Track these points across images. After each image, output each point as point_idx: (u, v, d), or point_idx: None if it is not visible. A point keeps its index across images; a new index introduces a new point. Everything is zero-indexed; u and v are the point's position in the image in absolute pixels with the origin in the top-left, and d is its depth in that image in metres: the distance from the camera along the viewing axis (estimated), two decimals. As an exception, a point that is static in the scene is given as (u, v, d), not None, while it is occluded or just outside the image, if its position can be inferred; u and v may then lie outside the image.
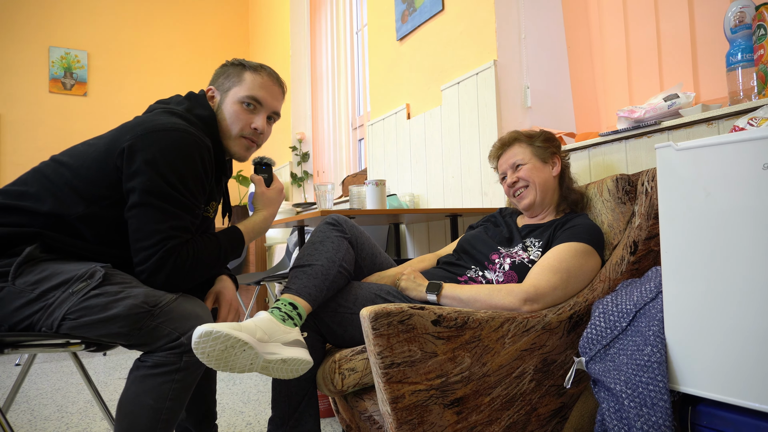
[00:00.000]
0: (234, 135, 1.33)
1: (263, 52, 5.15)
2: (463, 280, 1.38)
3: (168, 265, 1.13)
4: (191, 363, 1.10)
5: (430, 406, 1.08)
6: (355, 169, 3.81)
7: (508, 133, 1.58)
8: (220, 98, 1.34)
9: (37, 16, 4.66)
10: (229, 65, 1.36)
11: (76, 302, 1.07)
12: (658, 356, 0.95)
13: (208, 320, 1.14)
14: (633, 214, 1.36)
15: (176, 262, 1.14)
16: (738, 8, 1.38)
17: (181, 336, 1.08)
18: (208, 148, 1.23)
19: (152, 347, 1.09)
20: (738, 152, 0.86)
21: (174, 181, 1.14)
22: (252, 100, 1.32)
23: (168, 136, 1.16)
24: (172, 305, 1.11)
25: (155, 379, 1.08)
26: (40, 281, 1.09)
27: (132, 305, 1.07)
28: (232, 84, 1.33)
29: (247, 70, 1.34)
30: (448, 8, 2.47)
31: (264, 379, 2.60)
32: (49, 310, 1.08)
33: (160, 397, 1.07)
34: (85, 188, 1.16)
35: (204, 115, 1.30)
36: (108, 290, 1.09)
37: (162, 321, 1.08)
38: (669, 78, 1.80)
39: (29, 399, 2.37)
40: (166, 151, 1.14)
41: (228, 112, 1.32)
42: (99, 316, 1.06)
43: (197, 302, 1.18)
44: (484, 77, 2.20)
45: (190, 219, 1.19)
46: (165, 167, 1.14)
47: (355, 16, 3.82)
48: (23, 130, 4.57)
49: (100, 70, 4.87)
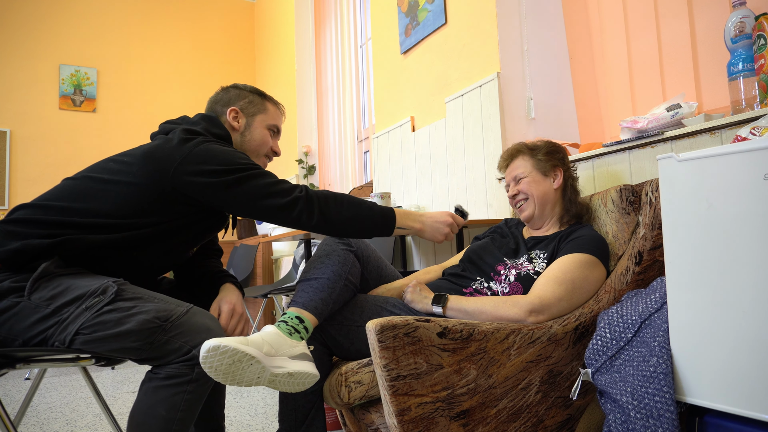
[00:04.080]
0: (261, 154, 1.48)
1: (269, 67, 5.20)
2: (469, 292, 1.38)
3: (311, 199, 1.24)
4: (203, 374, 1.11)
5: (437, 419, 1.08)
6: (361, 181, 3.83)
7: (514, 144, 1.60)
8: (245, 121, 1.46)
9: (47, 34, 4.75)
10: (246, 91, 1.48)
11: (89, 318, 1.09)
12: (664, 367, 0.95)
13: (219, 333, 1.16)
14: (637, 225, 1.36)
15: (313, 196, 1.25)
16: (738, 18, 1.39)
17: (193, 349, 1.10)
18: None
19: (164, 361, 1.11)
20: (739, 163, 0.87)
21: (232, 160, 1.24)
22: (276, 128, 1.51)
23: (199, 149, 1.25)
24: (183, 319, 1.13)
25: (167, 390, 1.10)
26: (55, 297, 1.11)
27: (144, 320, 1.09)
28: (258, 110, 1.47)
29: (267, 101, 1.50)
30: (451, 22, 2.49)
31: (271, 392, 2.60)
32: (63, 326, 1.10)
33: (172, 408, 1.09)
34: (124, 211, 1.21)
35: (220, 134, 1.39)
36: (121, 306, 1.11)
37: (174, 335, 1.11)
38: (671, 88, 1.81)
39: (39, 413, 2.38)
40: (207, 158, 1.24)
41: (257, 135, 1.46)
42: (112, 331, 1.09)
43: (207, 315, 1.20)
44: (488, 89, 2.22)
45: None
46: (217, 163, 1.23)
47: (359, 30, 3.86)
48: (34, 146, 4.64)
49: (109, 87, 4.95)
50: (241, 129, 1.45)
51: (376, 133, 3.19)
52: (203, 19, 5.42)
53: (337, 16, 4.15)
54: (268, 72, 5.20)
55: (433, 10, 2.60)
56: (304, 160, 4.35)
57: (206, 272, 1.49)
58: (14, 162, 4.57)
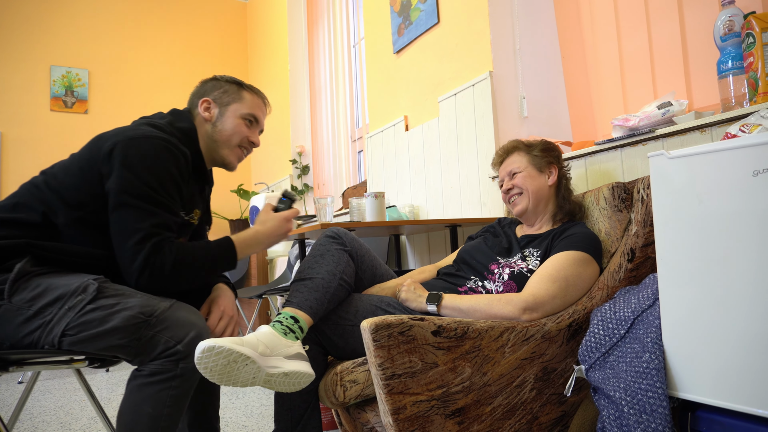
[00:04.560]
0: (233, 145, 1.43)
1: (262, 67, 5.19)
2: (463, 291, 1.39)
3: (152, 261, 1.14)
4: (187, 370, 1.11)
5: (432, 417, 1.09)
6: (355, 181, 3.83)
7: (510, 141, 1.61)
8: (218, 111, 1.42)
9: (38, 35, 4.72)
10: (223, 81, 1.45)
11: (73, 318, 1.09)
12: (657, 363, 0.96)
13: (202, 327, 1.16)
14: (630, 222, 1.37)
15: (160, 259, 1.15)
16: (727, 17, 1.40)
17: (178, 344, 1.10)
18: (184, 154, 1.28)
19: (150, 356, 1.10)
20: (729, 159, 0.87)
21: (150, 181, 1.18)
22: (252, 117, 1.45)
23: (146, 143, 1.22)
24: (167, 313, 1.13)
25: (152, 387, 1.09)
26: (36, 298, 1.11)
27: (129, 316, 1.09)
28: (232, 99, 1.43)
29: (245, 90, 1.45)
30: (444, 21, 2.50)
31: (267, 393, 2.60)
32: (48, 327, 1.09)
33: (158, 405, 1.09)
34: (70, 195, 1.20)
35: (185, 128, 1.37)
36: (103, 304, 1.10)
37: (159, 330, 1.10)
38: (662, 86, 1.82)
39: (33, 417, 2.37)
40: (144, 155, 1.20)
41: (229, 125, 1.41)
42: (97, 330, 1.08)
43: (191, 309, 1.20)
44: (481, 88, 2.23)
45: (171, 218, 1.22)
46: (141, 169, 1.18)
47: (352, 29, 3.86)
48: (25, 148, 4.60)
49: (100, 88, 4.92)
50: (213, 119, 1.41)
51: (370, 133, 3.20)
52: (195, 19, 5.40)
53: (330, 16, 4.14)
54: (261, 72, 5.19)
55: (426, 9, 2.60)
56: (297, 160, 4.35)
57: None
58: (6, 164, 4.53)
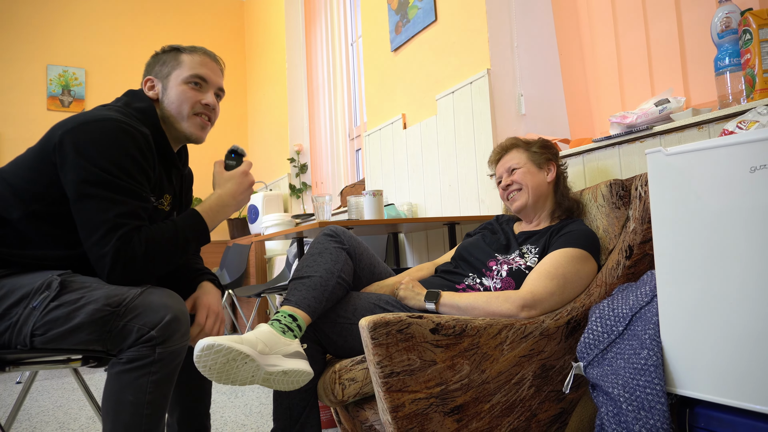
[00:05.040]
0: (186, 114, 1.30)
1: (259, 65, 5.18)
2: (461, 288, 1.39)
3: (122, 255, 1.08)
4: (166, 354, 1.07)
5: (431, 415, 1.09)
6: (353, 179, 3.82)
7: (507, 138, 1.61)
8: (161, 86, 1.31)
9: (34, 34, 4.70)
10: (161, 53, 1.34)
11: (39, 317, 1.06)
12: (655, 359, 0.96)
13: (178, 308, 1.11)
14: (628, 219, 1.37)
15: (129, 251, 1.09)
16: (724, 14, 1.40)
17: (152, 329, 1.06)
18: (143, 134, 1.19)
19: (125, 345, 1.07)
20: (726, 156, 0.88)
21: (109, 167, 1.10)
22: (197, 78, 1.30)
23: (98, 126, 1.13)
24: (137, 300, 1.08)
25: (131, 374, 1.06)
26: (0, 300, 1.08)
27: (94, 310, 1.05)
28: (171, 68, 1.31)
29: (183, 53, 1.32)
30: (441, 19, 2.50)
31: (266, 392, 2.60)
32: (16, 328, 1.07)
33: (139, 392, 1.06)
34: (24, 189, 1.14)
35: (142, 107, 1.27)
36: (67, 299, 1.07)
37: (129, 318, 1.06)
38: (660, 83, 1.83)
39: (31, 417, 2.36)
40: (97, 139, 1.12)
41: (174, 95, 1.29)
42: (64, 328, 1.05)
43: (166, 293, 1.14)
44: (478, 86, 2.23)
45: (138, 204, 1.14)
46: (98, 155, 1.10)
47: (349, 27, 3.86)
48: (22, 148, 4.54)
49: (97, 87, 4.91)
50: (159, 96, 1.30)
51: (368, 131, 3.19)
52: (192, 17, 5.39)
53: (328, 14, 4.14)
54: (259, 71, 5.18)
55: (423, 7, 2.60)
56: (295, 158, 4.34)
57: (182, 267, 1.40)
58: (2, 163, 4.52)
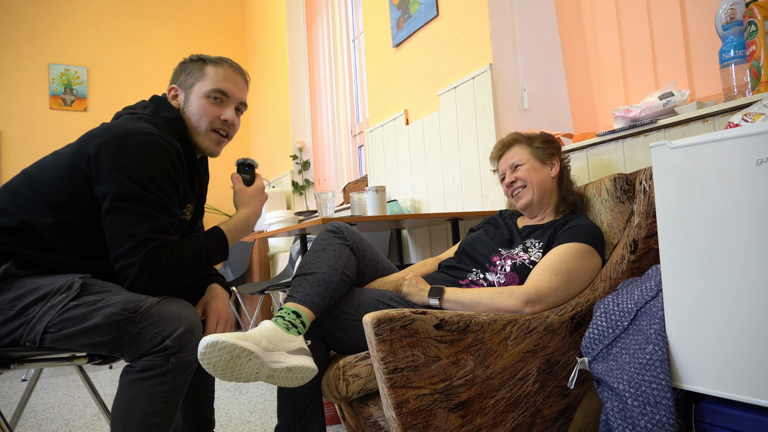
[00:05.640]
0: (204, 130, 1.31)
1: (261, 63, 5.18)
2: (465, 284, 1.38)
3: (148, 268, 1.11)
4: (179, 365, 1.09)
5: (435, 411, 1.08)
6: (356, 175, 3.82)
7: (509, 134, 1.60)
8: (184, 96, 1.32)
9: (36, 33, 4.70)
10: (188, 62, 1.34)
11: (55, 315, 1.07)
12: (660, 354, 0.95)
13: (192, 320, 1.13)
14: (632, 213, 1.37)
15: (156, 265, 1.11)
16: (728, 5, 1.39)
17: (166, 339, 1.07)
18: (176, 149, 1.21)
19: (138, 353, 1.08)
20: (731, 149, 0.87)
21: (145, 182, 1.13)
22: (218, 93, 1.30)
23: (135, 140, 1.15)
24: (153, 309, 1.09)
25: (144, 383, 1.07)
26: (19, 297, 1.09)
27: (111, 313, 1.06)
28: (195, 80, 1.31)
29: (208, 64, 1.32)
30: (443, 14, 2.48)
31: (270, 388, 2.60)
32: (30, 325, 1.08)
33: (150, 401, 1.07)
34: (53, 197, 1.15)
35: (170, 117, 1.28)
36: (86, 300, 1.08)
37: (144, 326, 1.08)
38: (663, 76, 1.81)
39: (36, 414, 2.37)
40: (134, 154, 1.14)
41: (195, 108, 1.30)
42: (79, 327, 1.06)
43: (181, 303, 1.16)
44: (481, 81, 2.22)
45: (168, 219, 1.17)
46: (134, 170, 1.12)
47: (351, 23, 3.84)
48: (24, 146, 4.60)
49: (99, 85, 4.91)
50: (181, 106, 1.31)
51: (370, 127, 3.19)
52: (194, 15, 5.38)
53: (329, 10, 4.13)
54: (261, 68, 5.17)
55: (425, 2, 2.59)
56: (298, 155, 4.34)
57: None
58: (5, 163, 4.53)
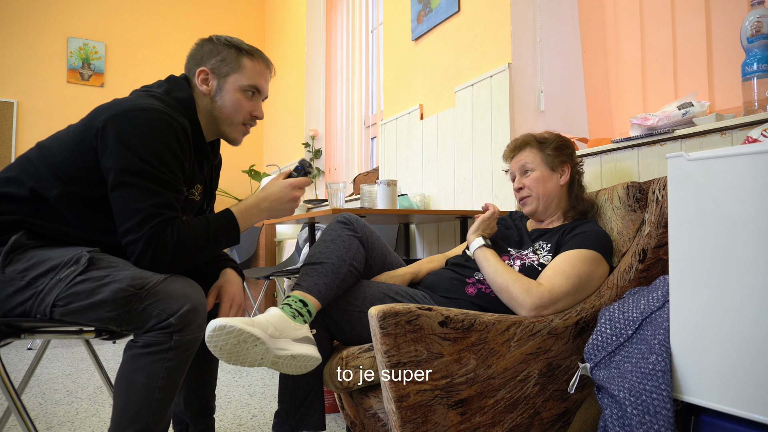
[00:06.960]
0: (236, 122, 1.34)
1: (279, 47, 5.17)
2: (471, 282, 1.39)
3: (154, 242, 1.12)
4: (182, 342, 1.10)
5: (435, 406, 1.10)
6: (367, 167, 3.82)
7: (522, 135, 1.59)
8: (216, 84, 1.32)
9: (55, 7, 4.72)
10: (221, 45, 1.33)
11: (63, 289, 1.09)
12: (663, 365, 0.96)
13: (197, 299, 1.14)
14: (643, 222, 1.36)
15: (162, 240, 1.12)
16: (755, 18, 1.37)
17: (171, 316, 1.09)
18: (183, 127, 1.22)
19: (143, 329, 1.10)
20: (748, 164, 0.86)
21: (149, 158, 1.13)
22: (254, 89, 1.34)
23: (141, 116, 1.15)
24: (159, 286, 1.11)
25: (146, 358, 1.09)
26: (29, 269, 1.11)
27: (118, 289, 1.08)
28: (231, 70, 1.31)
29: (244, 56, 1.32)
30: (464, 10, 2.47)
31: (270, 373, 2.63)
32: (39, 297, 1.10)
33: (152, 376, 1.09)
34: (63, 169, 1.17)
35: (182, 98, 1.28)
36: (93, 275, 1.10)
37: (150, 303, 1.09)
38: (684, 86, 1.80)
39: (41, 383, 2.42)
40: (140, 129, 1.14)
41: (230, 100, 1.32)
42: (86, 302, 1.08)
43: (188, 281, 1.17)
44: (498, 80, 2.21)
45: (173, 196, 1.18)
46: (139, 145, 1.13)
47: (371, 14, 3.83)
48: (41, 119, 4.64)
49: (117, 61, 4.93)
50: (212, 93, 1.32)
51: (384, 120, 3.18)
52: (214, -3, 5.37)
53: (349, 0, 4.11)
54: (278, 52, 5.17)
55: (447, -3, 2.57)
56: (310, 143, 4.35)
57: None
58: (20, 134, 4.57)
